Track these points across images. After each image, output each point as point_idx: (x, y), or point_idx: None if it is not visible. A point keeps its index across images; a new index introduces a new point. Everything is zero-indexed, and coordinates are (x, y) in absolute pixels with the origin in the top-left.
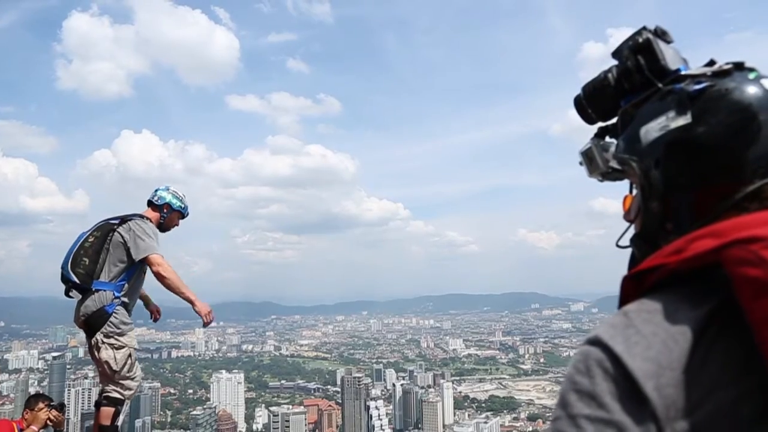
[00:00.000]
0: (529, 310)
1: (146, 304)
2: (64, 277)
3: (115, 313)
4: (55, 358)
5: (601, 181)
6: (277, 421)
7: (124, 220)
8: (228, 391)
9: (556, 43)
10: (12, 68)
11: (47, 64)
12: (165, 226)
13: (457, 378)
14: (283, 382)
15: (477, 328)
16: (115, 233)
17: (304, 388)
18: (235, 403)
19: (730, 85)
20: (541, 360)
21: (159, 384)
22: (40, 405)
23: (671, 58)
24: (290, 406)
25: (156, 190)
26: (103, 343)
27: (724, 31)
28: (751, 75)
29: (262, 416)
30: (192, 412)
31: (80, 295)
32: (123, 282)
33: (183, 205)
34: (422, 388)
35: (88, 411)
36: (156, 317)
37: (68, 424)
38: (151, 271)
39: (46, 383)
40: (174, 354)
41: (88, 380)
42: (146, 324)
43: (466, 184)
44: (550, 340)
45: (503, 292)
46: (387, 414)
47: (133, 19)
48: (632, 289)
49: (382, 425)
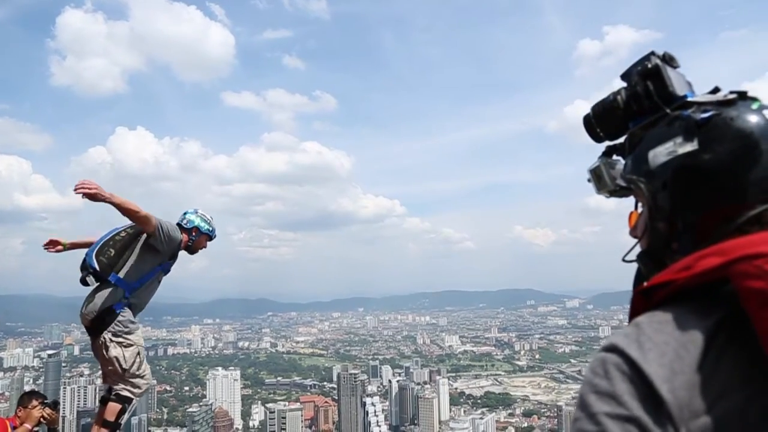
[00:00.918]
0: (525, 307)
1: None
2: (85, 263)
3: (123, 313)
4: (50, 356)
5: (608, 198)
6: (274, 418)
7: None
8: (224, 388)
9: (552, 41)
10: (5, 65)
11: (41, 61)
12: (193, 249)
13: (453, 374)
14: (280, 378)
15: (473, 325)
16: (145, 235)
17: (300, 385)
18: (232, 400)
19: (734, 114)
20: (537, 356)
21: (155, 381)
22: (34, 403)
23: (678, 84)
24: (286, 403)
25: (185, 213)
26: (111, 341)
27: (720, 29)
28: (753, 105)
29: (258, 413)
30: (188, 409)
31: (96, 283)
32: (137, 285)
33: (211, 228)
34: (418, 384)
35: (83, 409)
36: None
37: (64, 422)
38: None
39: (41, 381)
40: (170, 351)
41: (84, 378)
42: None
43: (463, 181)
44: (546, 337)
45: (499, 288)
46: (383, 410)
47: (128, 15)
48: (642, 303)
49: (378, 421)
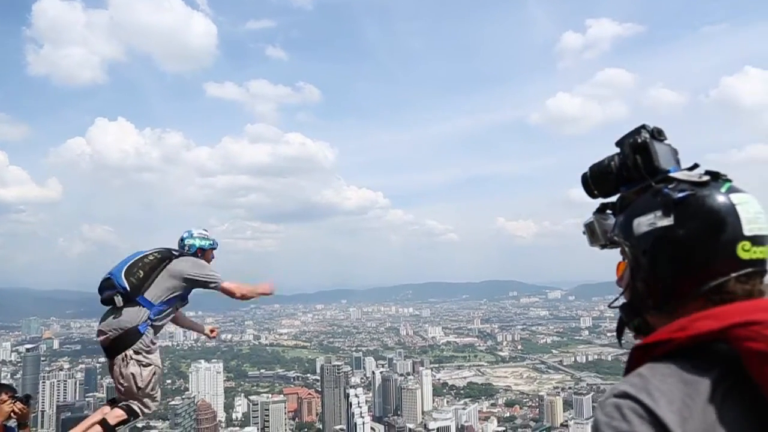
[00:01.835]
0: (507, 298)
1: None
2: (110, 284)
3: (146, 333)
4: (28, 350)
5: (602, 249)
6: (257, 410)
7: (183, 254)
8: (207, 381)
9: (535, 33)
10: None
11: (17, 49)
12: None
13: (436, 365)
14: (263, 371)
15: (456, 316)
16: (173, 261)
17: (283, 377)
18: (215, 393)
19: (706, 194)
20: (519, 347)
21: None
22: (3, 397)
23: (664, 157)
24: (270, 395)
25: (182, 240)
26: (132, 358)
27: (700, 24)
28: (723, 187)
29: (241, 405)
30: (170, 402)
31: (122, 303)
32: (162, 308)
33: (211, 242)
34: (401, 375)
35: (63, 403)
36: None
37: (43, 417)
38: (232, 296)
39: (19, 376)
40: None
41: (63, 372)
42: None
43: (446, 173)
44: (528, 328)
45: (482, 280)
46: (367, 401)
47: (107, 4)
48: (640, 357)
49: (361, 412)
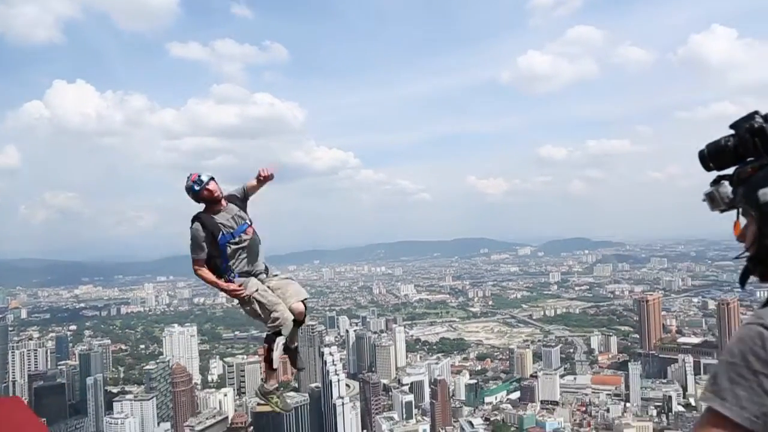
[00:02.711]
0: (478, 255)
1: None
2: None
3: (235, 281)
4: None
5: (721, 213)
6: (233, 372)
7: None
8: (181, 345)
9: None
10: None
11: None
12: (211, 202)
13: (409, 322)
14: (237, 333)
15: (428, 274)
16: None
17: (258, 338)
18: (189, 356)
19: None
20: (490, 302)
21: (109, 341)
22: None
23: None
24: (245, 356)
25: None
26: (242, 306)
27: None
28: None
29: (216, 367)
30: (145, 367)
31: None
32: (224, 263)
33: (191, 184)
34: (375, 333)
35: (35, 372)
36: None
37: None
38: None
39: None
40: (123, 310)
41: (33, 341)
42: (92, 281)
43: (417, 133)
44: (499, 284)
45: (453, 238)
46: (341, 359)
47: None
48: None
49: (336, 370)
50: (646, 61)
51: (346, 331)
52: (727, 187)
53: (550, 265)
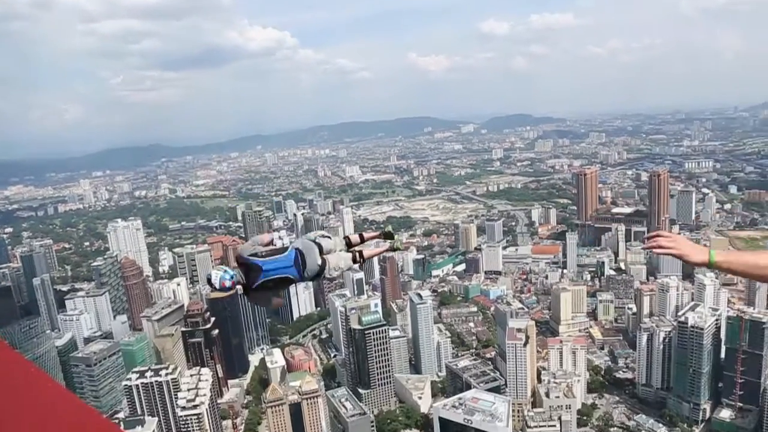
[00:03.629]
0: (422, 134)
1: None
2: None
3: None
4: None
5: None
6: (183, 261)
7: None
8: (127, 239)
9: None
10: None
11: None
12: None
13: (356, 203)
14: (184, 223)
15: (372, 154)
16: None
17: (205, 227)
18: (137, 250)
19: None
20: (435, 180)
21: (51, 241)
22: None
23: None
24: (194, 246)
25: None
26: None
27: None
28: None
29: (166, 258)
30: (93, 264)
31: None
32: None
33: (230, 286)
34: (322, 215)
35: None
36: None
37: None
38: None
39: None
40: (61, 209)
41: None
42: (22, 181)
43: (354, 9)
44: (443, 162)
45: (396, 117)
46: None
47: None
48: None
49: None
50: None
51: (294, 215)
52: None
53: (492, 142)
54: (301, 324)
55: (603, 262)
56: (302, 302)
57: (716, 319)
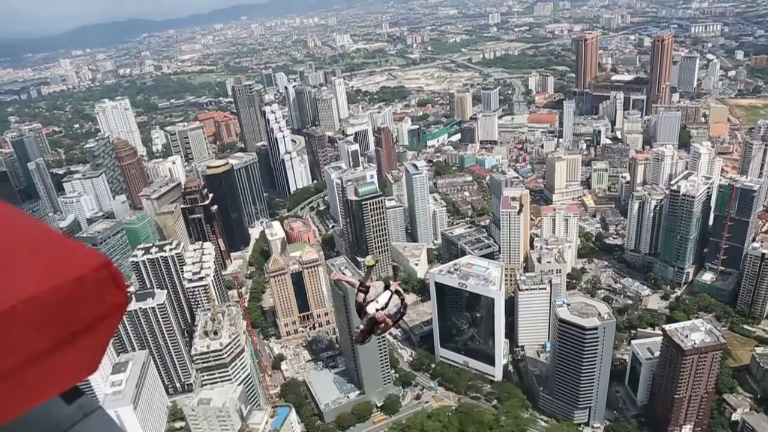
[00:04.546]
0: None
1: None
2: None
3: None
4: None
5: None
6: (176, 140)
7: None
8: (117, 119)
9: None
10: None
11: None
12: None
13: (348, 73)
14: (173, 101)
15: (363, 22)
16: None
17: (195, 104)
18: (128, 130)
19: None
20: (429, 48)
21: (39, 124)
22: None
23: None
24: (186, 123)
25: None
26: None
27: None
28: None
29: (159, 137)
30: (85, 146)
31: None
32: None
33: None
34: (314, 87)
35: None
36: None
37: None
38: None
39: None
40: (44, 91)
41: None
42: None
43: None
44: (437, 28)
45: None
46: (283, 116)
47: None
48: None
49: (280, 127)
50: None
51: (285, 88)
52: None
53: (489, 6)
54: (299, 197)
55: (599, 131)
56: (298, 175)
57: (708, 188)
